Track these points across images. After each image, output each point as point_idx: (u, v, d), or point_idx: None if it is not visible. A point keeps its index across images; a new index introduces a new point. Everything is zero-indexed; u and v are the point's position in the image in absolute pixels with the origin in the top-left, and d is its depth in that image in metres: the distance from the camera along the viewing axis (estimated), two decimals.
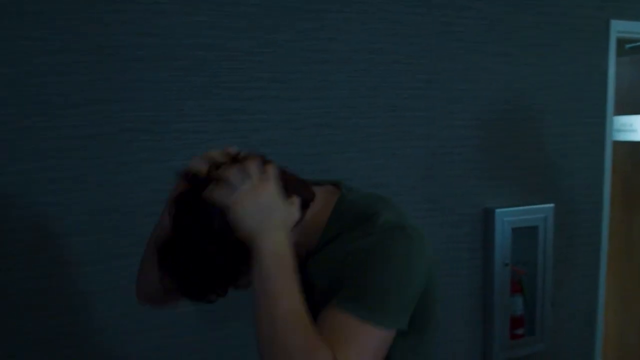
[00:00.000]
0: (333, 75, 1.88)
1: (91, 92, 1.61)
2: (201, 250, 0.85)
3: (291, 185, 0.94)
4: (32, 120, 1.56)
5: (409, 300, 0.92)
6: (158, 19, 1.66)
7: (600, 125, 2.35)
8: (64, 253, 1.62)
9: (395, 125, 2.00)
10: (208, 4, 1.71)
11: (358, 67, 1.92)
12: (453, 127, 2.09)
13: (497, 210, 2.10)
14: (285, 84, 1.82)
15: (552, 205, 2.21)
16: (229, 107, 1.74)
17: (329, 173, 1.88)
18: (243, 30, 1.76)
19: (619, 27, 2.32)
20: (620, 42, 2.39)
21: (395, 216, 0.96)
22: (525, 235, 2.19)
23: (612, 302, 3.02)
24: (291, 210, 0.91)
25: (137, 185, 1.66)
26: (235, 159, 0.90)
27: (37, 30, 1.54)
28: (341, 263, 0.92)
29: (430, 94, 2.04)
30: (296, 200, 0.92)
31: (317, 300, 0.90)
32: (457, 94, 2.08)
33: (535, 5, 2.17)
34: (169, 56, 1.68)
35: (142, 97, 1.67)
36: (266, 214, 0.86)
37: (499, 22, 2.12)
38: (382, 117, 1.98)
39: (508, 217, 2.11)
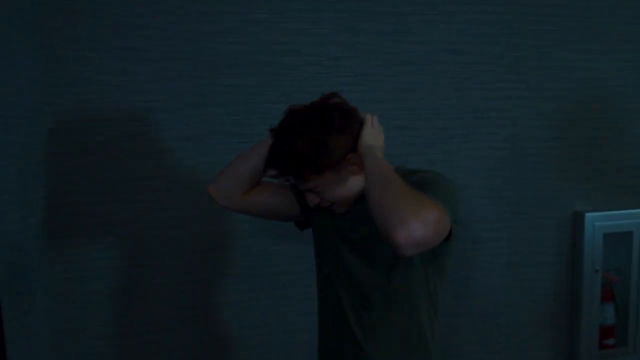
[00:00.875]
0: (415, 77, 1.89)
1: (186, 97, 1.74)
2: (319, 136, 1.16)
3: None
4: (134, 124, 1.72)
5: (456, 213, 1.15)
6: (247, 28, 1.76)
7: None
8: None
9: (478, 127, 1.97)
10: (293, 12, 1.78)
11: (440, 68, 1.91)
12: (540, 127, 2.02)
13: (588, 215, 2.01)
14: (366, 87, 1.86)
15: None
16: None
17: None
18: (327, 35, 1.81)
19: None
20: None
21: None
22: (619, 241, 2.08)
23: None
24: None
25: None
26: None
27: (139, 41, 1.69)
28: None
29: (516, 94, 1.99)
30: (355, 157, 1.23)
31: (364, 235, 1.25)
32: (544, 93, 2.02)
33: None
34: (257, 63, 1.78)
35: (231, 102, 1.77)
36: (381, 142, 1.24)
37: (589, 19, 2.02)
38: (464, 119, 1.96)
39: (599, 221, 2.02)
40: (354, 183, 1.23)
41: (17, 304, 1.51)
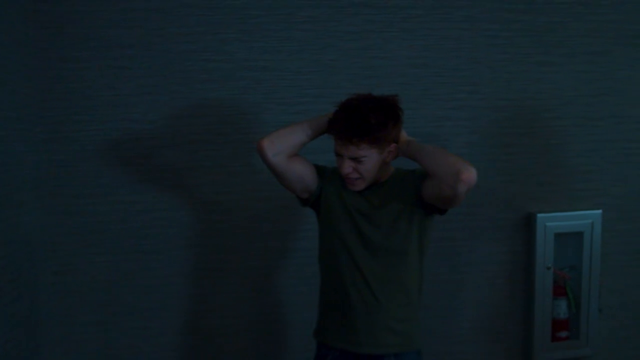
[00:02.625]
0: (376, 89, 2.05)
1: (166, 109, 1.95)
2: (387, 118, 1.52)
3: None
4: (119, 133, 1.93)
5: None
6: (221, 46, 1.95)
7: None
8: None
9: (436, 135, 2.13)
10: (262, 31, 1.97)
11: (400, 81, 2.08)
12: (496, 135, 2.18)
13: (539, 215, 2.17)
14: (330, 99, 2.02)
15: (599, 211, 2.22)
16: (281, 120, 1.99)
17: None
18: (293, 52, 2.00)
19: None
20: None
21: None
22: (571, 240, 2.23)
23: None
24: None
25: (197, 188, 1.97)
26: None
27: (123, 60, 1.90)
28: (410, 183, 1.59)
29: (472, 104, 2.15)
30: (395, 148, 1.59)
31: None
32: (501, 103, 2.17)
33: (587, 13, 2.19)
34: (229, 77, 1.97)
35: (206, 113, 1.97)
36: None
37: (547, 33, 2.17)
38: (424, 127, 2.12)
39: (550, 222, 2.17)
40: (381, 167, 1.57)
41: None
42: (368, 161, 1.53)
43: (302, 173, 1.60)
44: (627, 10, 2.22)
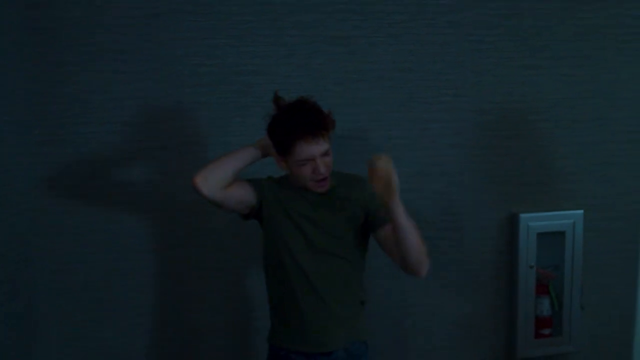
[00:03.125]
0: (363, 92, 2.12)
1: (158, 113, 2.00)
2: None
3: None
4: (113, 136, 1.98)
5: None
6: (211, 51, 2.01)
7: None
8: None
9: (422, 136, 2.19)
10: (252, 37, 2.02)
11: (387, 84, 2.13)
12: (481, 137, 2.23)
13: (522, 215, 2.22)
14: (320, 101, 2.09)
15: (581, 211, 2.28)
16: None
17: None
18: (282, 57, 2.05)
19: None
20: None
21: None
22: (555, 240, 2.29)
23: None
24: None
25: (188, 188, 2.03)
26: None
27: (117, 64, 1.95)
28: (365, 201, 1.66)
29: (458, 107, 2.20)
30: None
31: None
32: (486, 106, 2.23)
33: (571, 18, 2.24)
34: (220, 82, 2.02)
35: (198, 116, 2.03)
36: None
37: (531, 37, 2.22)
38: (410, 129, 2.18)
39: (533, 222, 2.23)
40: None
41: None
42: (331, 157, 1.60)
43: (240, 196, 1.63)
44: (610, 15, 2.27)
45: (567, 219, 2.27)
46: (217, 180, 1.56)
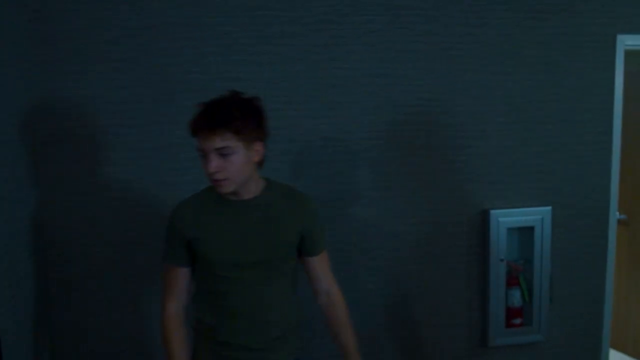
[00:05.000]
0: (339, 96, 2.29)
1: (151, 117, 2.18)
2: (251, 112, 1.54)
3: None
4: (109, 138, 2.16)
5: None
6: (201, 59, 2.19)
7: (607, 135, 2.50)
8: None
9: (396, 137, 2.35)
10: (238, 46, 2.20)
11: (363, 89, 2.30)
12: (453, 137, 2.39)
13: (492, 211, 2.37)
14: (300, 106, 2.26)
15: (549, 208, 2.42)
16: None
17: (335, 178, 2.30)
18: (264, 64, 2.22)
19: (627, 41, 2.46)
20: (628, 56, 2.52)
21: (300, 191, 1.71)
22: (525, 234, 2.43)
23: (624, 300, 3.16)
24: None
25: (179, 185, 2.20)
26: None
27: (112, 73, 2.13)
28: (302, 218, 1.63)
29: (429, 111, 2.36)
30: (261, 148, 1.56)
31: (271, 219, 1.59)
32: (457, 108, 2.38)
33: (536, 27, 2.40)
34: (208, 89, 2.19)
35: (186, 119, 2.19)
36: None
37: (498, 45, 2.38)
38: (384, 131, 2.34)
39: (503, 217, 2.37)
40: (249, 168, 1.53)
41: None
42: (236, 158, 1.48)
43: (186, 274, 1.63)
44: (572, 24, 2.43)
45: (535, 214, 2.41)
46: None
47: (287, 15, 2.23)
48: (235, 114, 1.47)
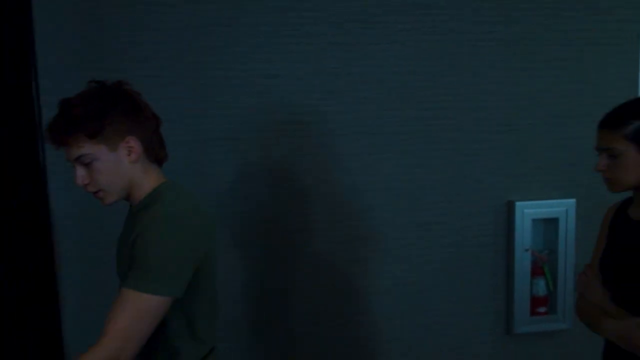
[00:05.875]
0: (368, 92, 2.39)
1: (187, 111, 2.30)
2: (102, 105, 1.30)
3: (155, 138, 1.36)
4: None
5: (177, 270, 1.21)
6: (239, 58, 2.30)
7: None
8: None
9: (425, 132, 2.44)
10: (272, 45, 2.31)
11: (391, 86, 2.40)
12: (479, 132, 2.48)
13: (518, 203, 2.45)
14: (333, 101, 2.37)
15: (573, 200, 2.49)
16: (288, 120, 2.34)
17: (365, 170, 2.40)
18: (298, 62, 2.33)
19: None
20: None
21: (169, 206, 1.27)
22: (549, 225, 2.51)
23: None
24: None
25: (216, 178, 2.32)
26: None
27: (156, 70, 2.26)
28: (133, 242, 1.24)
29: (458, 106, 2.45)
30: (135, 143, 1.29)
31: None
32: (483, 104, 2.47)
33: (557, 24, 2.48)
34: (247, 85, 2.31)
35: (228, 114, 2.32)
36: None
37: (521, 42, 2.47)
38: (414, 125, 2.43)
39: (528, 209, 2.45)
40: (125, 170, 1.30)
41: None
42: (101, 165, 1.27)
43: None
44: (596, 20, 2.50)
45: (560, 207, 2.48)
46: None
47: (320, 15, 2.34)
48: (77, 115, 1.24)
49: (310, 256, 2.42)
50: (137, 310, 1.18)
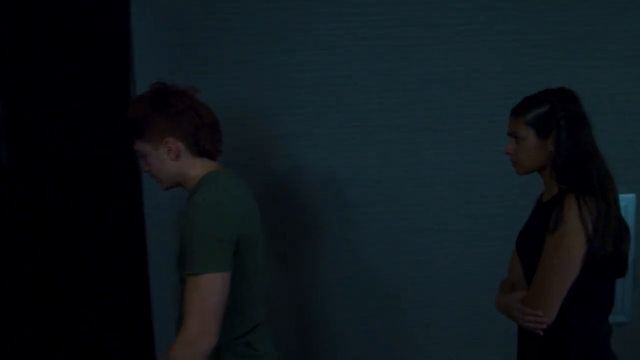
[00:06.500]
0: (436, 92, 2.50)
1: (269, 110, 2.46)
2: (145, 109, 1.48)
3: (202, 136, 1.48)
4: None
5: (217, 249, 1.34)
6: (310, 59, 2.45)
7: None
8: None
9: (489, 128, 2.53)
10: (340, 48, 2.44)
11: (456, 84, 2.51)
12: None
13: None
14: (399, 99, 2.49)
15: (633, 195, 2.55)
16: (356, 117, 2.48)
17: (434, 163, 2.52)
18: (366, 62, 2.46)
19: None
20: None
21: (205, 193, 1.40)
22: None
23: None
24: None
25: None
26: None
27: (239, 72, 2.43)
28: (181, 230, 1.41)
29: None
30: (173, 143, 1.44)
31: None
32: None
33: (620, 22, 2.54)
34: (320, 84, 2.45)
35: (301, 112, 2.47)
36: None
37: (587, 40, 2.53)
38: (478, 123, 2.53)
39: None
40: (169, 165, 1.47)
41: None
42: (149, 159, 1.47)
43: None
44: None
45: (620, 201, 2.53)
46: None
47: (388, 17, 2.46)
48: (129, 117, 1.45)
49: (382, 244, 2.57)
50: (200, 291, 1.31)
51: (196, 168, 1.49)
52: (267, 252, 2.53)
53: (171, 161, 1.46)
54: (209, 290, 1.31)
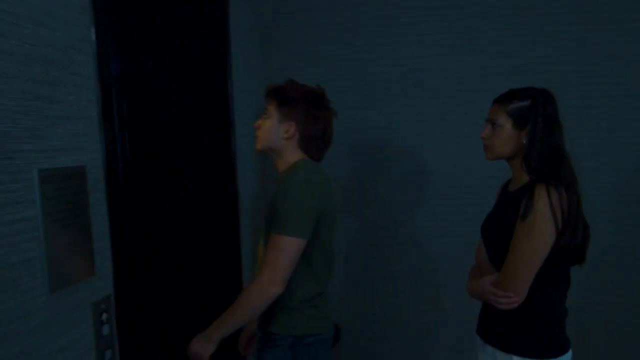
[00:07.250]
0: (521, 84, 2.47)
1: (353, 104, 2.57)
2: (295, 90, 1.71)
3: (316, 140, 1.71)
4: None
5: (304, 218, 1.58)
6: (396, 54, 2.52)
7: None
8: None
9: (581, 119, 2.48)
10: (427, 41, 2.50)
11: (541, 77, 2.47)
12: (637, 121, 2.47)
13: None
14: (480, 92, 2.50)
15: None
16: (437, 110, 2.52)
17: None
18: (452, 54, 2.50)
19: None
20: None
21: (300, 173, 1.63)
22: None
23: None
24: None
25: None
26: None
27: (323, 69, 2.55)
28: (272, 202, 1.64)
29: (614, 94, 2.46)
30: (292, 129, 1.67)
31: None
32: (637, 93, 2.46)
33: None
34: (402, 77, 2.53)
35: (384, 105, 2.55)
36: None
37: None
38: (566, 115, 2.47)
39: None
40: (278, 139, 1.69)
41: None
42: (270, 122, 1.68)
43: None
44: None
45: None
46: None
47: (471, 10, 2.49)
48: (285, 87, 1.69)
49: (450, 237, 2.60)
50: (280, 249, 1.56)
51: (294, 155, 1.72)
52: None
53: (282, 139, 1.68)
54: (287, 250, 1.55)
